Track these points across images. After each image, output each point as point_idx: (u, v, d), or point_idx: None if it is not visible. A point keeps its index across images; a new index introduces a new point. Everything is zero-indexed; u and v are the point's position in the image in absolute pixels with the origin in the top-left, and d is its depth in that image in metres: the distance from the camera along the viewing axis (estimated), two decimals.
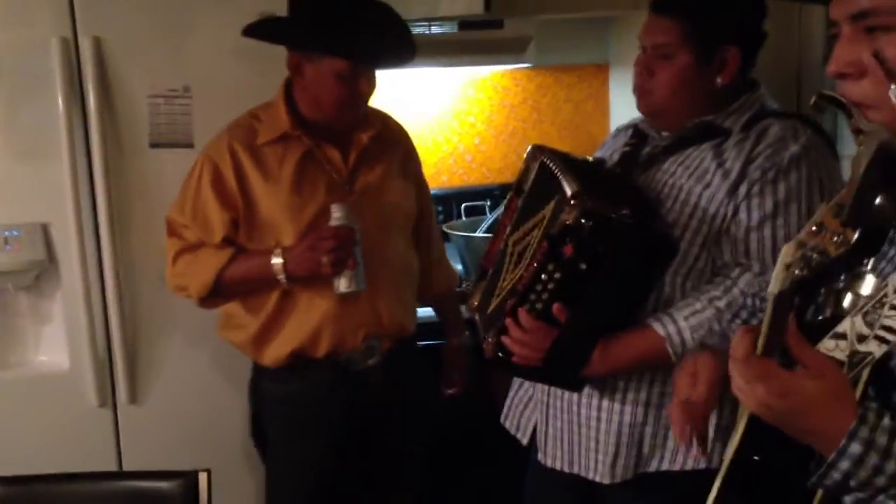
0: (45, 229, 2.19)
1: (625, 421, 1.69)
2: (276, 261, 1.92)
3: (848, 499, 0.94)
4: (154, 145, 2.19)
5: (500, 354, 1.68)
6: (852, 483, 0.90)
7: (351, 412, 2.09)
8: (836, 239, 0.77)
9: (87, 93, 2.14)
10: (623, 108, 2.80)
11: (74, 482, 1.79)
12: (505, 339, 1.65)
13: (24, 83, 2.12)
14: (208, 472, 1.76)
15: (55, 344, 2.25)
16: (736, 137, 1.64)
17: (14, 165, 2.15)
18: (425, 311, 2.38)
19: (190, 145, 2.20)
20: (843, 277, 0.80)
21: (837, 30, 0.99)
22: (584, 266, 1.52)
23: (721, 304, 1.58)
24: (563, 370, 1.66)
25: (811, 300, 1.11)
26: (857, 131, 0.80)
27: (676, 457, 1.67)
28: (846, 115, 0.86)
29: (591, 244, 1.50)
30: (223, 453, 2.27)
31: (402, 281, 2.12)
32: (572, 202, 1.51)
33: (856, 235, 0.76)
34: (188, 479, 1.74)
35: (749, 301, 1.57)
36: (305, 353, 2.02)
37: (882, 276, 1.02)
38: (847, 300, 0.81)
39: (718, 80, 1.67)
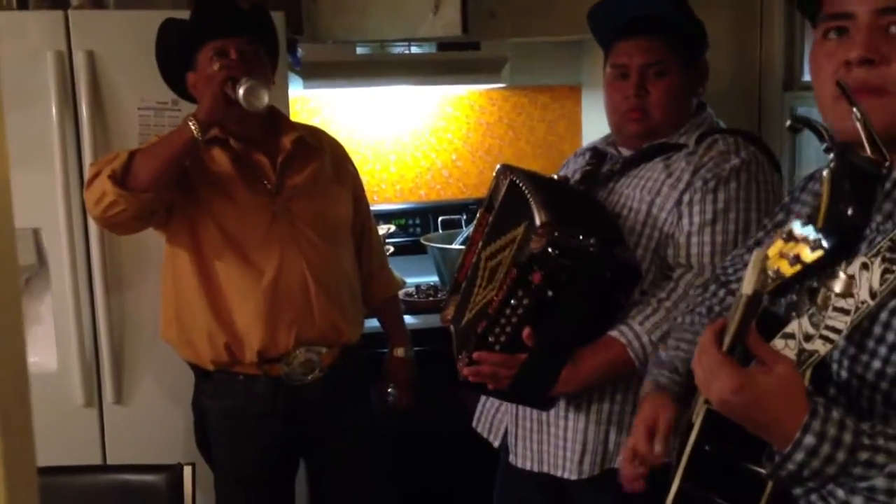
0: (35, 234, 2.26)
1: (591, 419, 1.75)
2: (188, 118, 1.88)
3: (798, 489, 1.00)
4: None
5: (469, 380, 1.73)
6: (805, 473, 0.95)
7: (292, 427, 2.09)
8: (811, 244, 0.83)
9: (80, 104, 2.22)
10: (595, 128, 2.87)
11: (62, 475, 1.83)
12: (472, 376, 1.70)
13: (20, 94, 2.20)
14: (193, 465, 1.81)
15: (44, 345, 2.30)
16: (686, 151, 1.75)
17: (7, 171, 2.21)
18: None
19: None
20: (814, 278, 0.86)
21: (846, 23, 1.04)
22: (551, 293, 1.57)
23: (668, 304, 1.67)
24: (532, 392, 1.71)
25: (782, 300, 1.18)
26: (828, 150, 0.87)
27: None
28: (818, 136, 0.94)
29: (558, 273, 1.56)
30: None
31: (340, 286, 2.11)
32: (540, 231, 1.57)
33: (831, 241, 0.82)
34: (173, 472, 1.79)
35: (689, 299, 1.65)
36: (237, 348, 2.01)
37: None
38: (820, 297, 0.87)
39: (700, 90, 1.79)
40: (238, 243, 2.00)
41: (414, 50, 2.95)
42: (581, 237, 1.56)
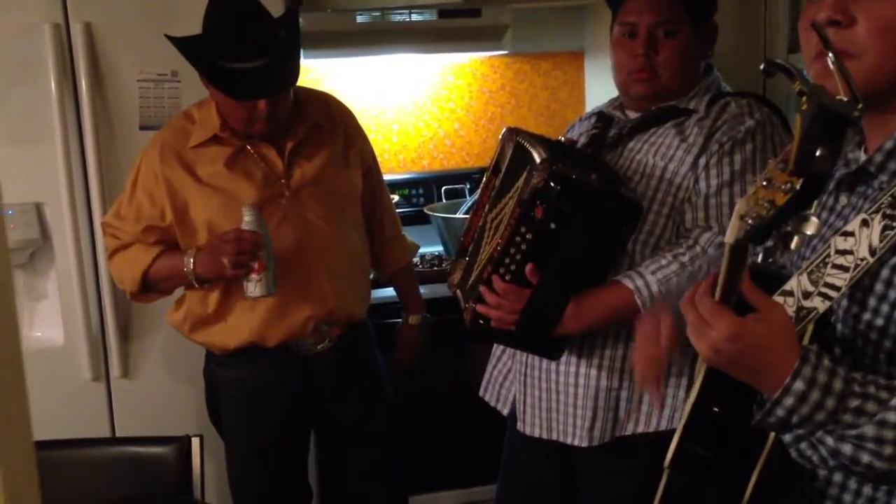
0: (38, 209, 2.25)
1: (601, 386, 1.74)
2: (188, 261, 1.94)
3: (788, 436, 1.00)
4: (144, 127, 2.26)
5: (479, 322, 1.74)
6: (794, 419, 0.96)
7: (302, 395, 2.10)
8: (784, 187, 0.83)
9: (79, 77, 2.21)
10: (598, 94, 2.85)
11: (71, 448, 1.85)
12: (480, 308, 1.71)
13: (17, 68, 2.18)
14: (201, 437, 1.83)
15: (50, 320, 2.31)
16: (697, 116, 1.74)
17: (8, 147, 2.21)
18: (389, 291, 2.42)
19: None
20: (789, 223, 0.86)
21: None
22: (553, 226, 1.59)
23: (685, 258, 1.66)
24: (538, 331, 1.71)
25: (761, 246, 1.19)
26: (801, 93, 0.87)
27: (651, 419, 1.74)
28: (790, 78, 0.93)
29: (560, 205, 1.57)
30: (213, 426, 2.31)
31: (351, 268, 2.12)
32: (541, 167, 1.58)
33: (800, 183, 0.82)
34: (182, 443, 1.81)
35: (709, 257, 1.66)
36: (255, 345, 2.03)
37: (823, 239, 1.11)
38: (794, 242, 0.88)
39: (709, 53, 1.77)
40: None
41: (414, 17, 2.92)
42: (582, 173, 1.58)
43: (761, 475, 1.06)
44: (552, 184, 1.56)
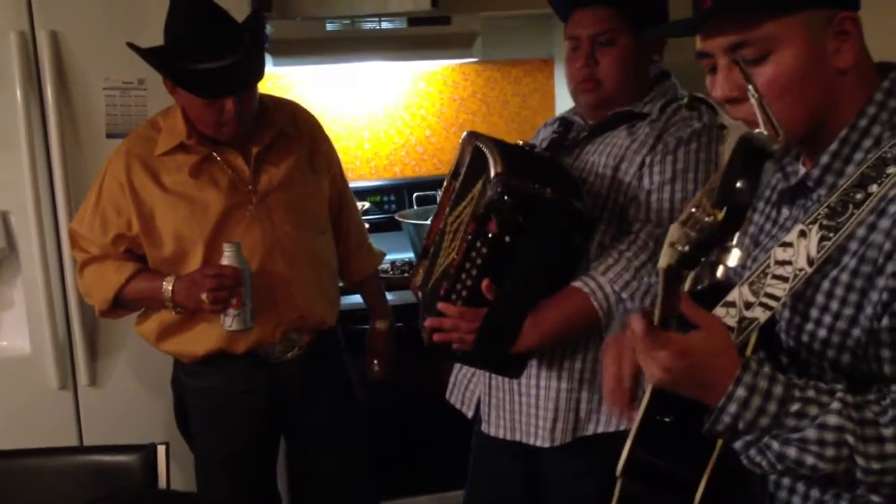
0: (4, 217, 2.24)
1: (562, 387, 1.77)
2: (167, 288, 1.95)
3: (738, 444, 1.03)
4: (110, 135, 2.26)
5: (434, 341, 1.73)
6: (740, 425, 0.99)
7: (272, 403, 2.10)
8: (708, 218, 0.86)
9: (45, 85, 2.20)
10: (568, 101, 2.81)
11: (36, 457, 1.84)
12: (437, 337, 1.70)
13: None
14: (167, 444, 1.82)
15: (16, 329, 2.30)
16: (650, 118, 1.78)
17: None
18: (357, 297, 2.42)
19: None
20: (714, 252, 0.89)
21: (711, 62, 1.09)
22: (508, 239, 1.59)
23: (629, 254, 1.69)
24: (496, 348, 1.71)
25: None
26: (722, 126, 0.90)
27: (611, 419, 1.77)
28: (713, 113, 0.96)
29: (513, 218, 1.58)
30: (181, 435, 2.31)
31: (319, 274, 2.12)
32: (495, 180, 1.59)
33: (722, 214, 0.85)
34: (148, 452, 1.80)
35: (649, 250, 1.68)
36: (224, 352, 2.03)
37: (765, 250, 1.13)
38: (719, 271, 0.90)
39: (656, 58, 1.81)
40: (212, 245, 1.97)
41: (384, 25, 2.93)
42: (536, 185, 1.59)
43: (710, 480, 1.08)
44: (506, 197, 1.57)
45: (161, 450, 1.81)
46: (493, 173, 1.61)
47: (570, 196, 1.65)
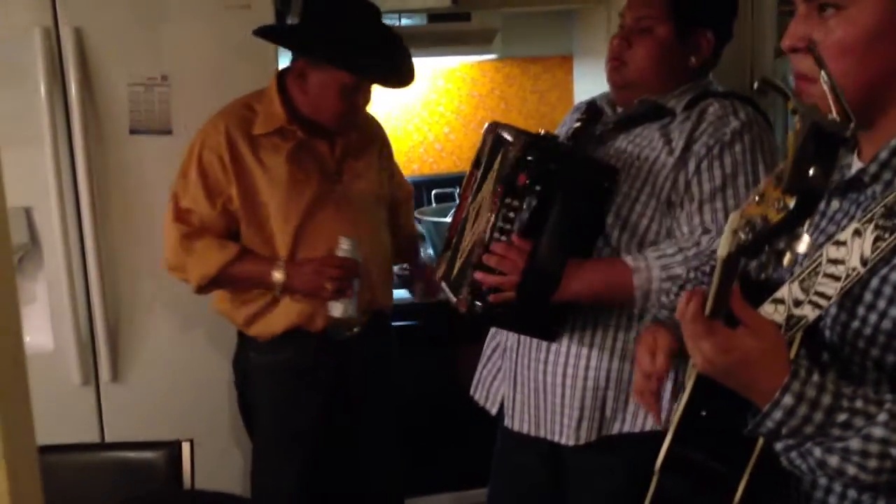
0: (28, 213, 2.25)
1: (588, 386, 1.77)
2: (277, 275, 2.05)
3: (779, 445, 1.02)
4: (134, 132, 2.26)
5: (476, 304, 1.73)
6: (784, 431, 0.98)
7: (338, 380, 2.18)
8: (777, 205, 0.84)
9: (69, 81, 2.20)
10: (586, 98, 2.86)
11: (60, 453, 1.84)
12: (479, 275, 1.71)
13: (7, 72, 2.18)
14: (191, 441, 1.82)
15: (39, 325, 2.30)
16: (680, 118, 1.75)
17: None
18: (399, 293, 2.45)
19: (168, 132, 2.27)
20: (782, 239, 0.88)
21: (793, 7, 1.07)
22: (539, 188, 1.62)
23: (689, 253, 1.67)
24: (538, 295, 1.70)
25: (755, 260, 1.19)
26: (794, 111, 0.89)
27: (637, 419, 1.77)
28: (784, 98, 0.95)
29: (543, 165, 1.61)
30: (204, 430, 2.30)
31: (386, 260, 2.26)
32: (515, 141, 1.63)
33: (794, 201, 0.83)
34: (172, 448, 1.80)
35: (705, 262, 1.66)
36: (301, 329, 2.12)
37: (817, 246, 1.12)
38: (786, 259, 0.89)
39: (692, 61, 1.79)
40: (310, 231, 2.08)
41: (404, 22, 2.93)
42: (553, 142, 1.66)
43: (751, 478, 1.07)
44: (529, 149, 1.61)
45: (186, 447, 1.81)
46: (510, 138, 1.66)
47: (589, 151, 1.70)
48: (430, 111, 3.29)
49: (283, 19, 2.50)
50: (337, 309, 2.06)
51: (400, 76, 2.08)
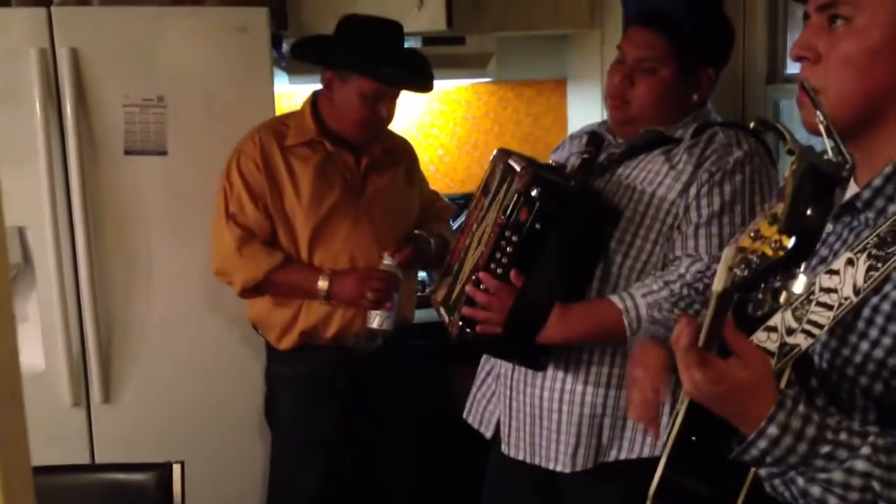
0: (21, 232, 2.23)
1: (585, 412, 1.76)
2: (322, 283, 2.14)
3: (763, 471, 1.02)
4: (129, 152, 2.27)
5: (466, 331, 1.74)
6: (768, 459, 0.99)
7: (356, 388, 2.25)
8: (773, 245, 0.84)
9: (64, 101, 2.21)
10: (580, 121, 2.87)
11: (51, 475, 1.83)
12: (466, 311, 1.72)
13: (3, 92, 2.19)
14: (182, 463, 1.81)
15: (30, 344, 2.27)
16: (686, 144, 1.76)
17: None
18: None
19: (163, 153, 2.28)
20: (778, 277, 0.88)
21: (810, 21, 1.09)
22: (538, 227, 1.62)
23: (675, 287, 1.68)
24: (524, 333, 1.71)
25: (750, 297, 1.19)
26: (791, 151, 0.89)
27: (634, 446, 1.76)
28: (780, 138, 0.96)
29: (545, 205, 1.61)
30: (195, 451, 2.27)
31: (408, 274, 2.31)
32: (523, 173, 1.64)
33: (791, 242, 0.83)
34: (163, 470, 1.79)
35: (694, 288, 1.68)
36: (313, 333, 2.19)
37: (813, 274, 1.12)
38: (782, 297, 0.89)
39: (694, 97, 1.80)
40: (326, 238, 2.18)
41: None
42: (561, 178, 1.67)
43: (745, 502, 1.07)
44: (535, 185, 1.62)
45: (177, 468, 1.80)
46: (518, 168, 1.67)
47: (594, 193, 1.71)
48: (424, 133, 3.30)
49: (279, 42, 2.52)
50: (375, 320, 2.16)
51: (418, 82, 2.22)
